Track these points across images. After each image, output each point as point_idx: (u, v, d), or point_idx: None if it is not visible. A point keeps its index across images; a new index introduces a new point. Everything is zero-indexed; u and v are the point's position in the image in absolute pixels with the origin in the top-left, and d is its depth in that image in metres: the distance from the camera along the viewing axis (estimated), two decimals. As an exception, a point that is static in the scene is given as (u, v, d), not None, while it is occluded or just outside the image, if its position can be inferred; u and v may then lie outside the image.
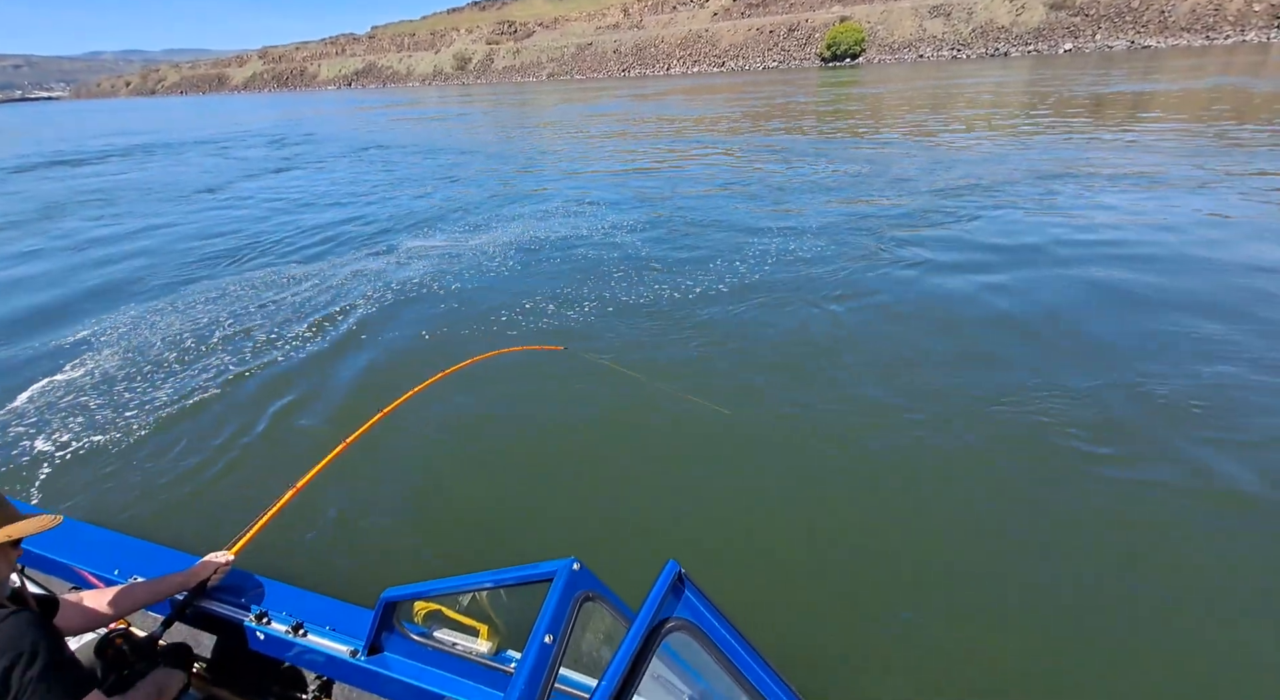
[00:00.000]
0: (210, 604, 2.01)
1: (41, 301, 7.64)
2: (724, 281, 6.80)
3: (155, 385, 5.17)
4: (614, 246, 8.50)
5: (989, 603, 2.83)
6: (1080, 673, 2.48)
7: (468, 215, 11.13)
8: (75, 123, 60.55)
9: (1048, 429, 3.95)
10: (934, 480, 3.61)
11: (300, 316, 6.54)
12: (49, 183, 18.76)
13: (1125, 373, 4.53)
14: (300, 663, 2.00)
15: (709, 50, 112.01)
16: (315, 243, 9.84)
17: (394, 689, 1.81)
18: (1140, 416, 4.03)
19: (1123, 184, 10.17)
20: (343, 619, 1.94)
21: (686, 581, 1.05)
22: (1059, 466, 3.64)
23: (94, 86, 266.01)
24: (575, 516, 3.52)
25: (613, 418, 4.43)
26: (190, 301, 7.19)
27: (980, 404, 4.26)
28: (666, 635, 1.00)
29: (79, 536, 2.35)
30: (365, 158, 20.68)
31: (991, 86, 33.75)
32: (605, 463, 4.00)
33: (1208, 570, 2.91)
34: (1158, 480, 3.46)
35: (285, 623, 1.91)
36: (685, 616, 1.03)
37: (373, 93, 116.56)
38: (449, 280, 7.40)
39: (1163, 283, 6.12)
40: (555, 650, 1.06)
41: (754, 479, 3.73)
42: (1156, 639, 2.61)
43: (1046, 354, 4.91)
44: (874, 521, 3.36)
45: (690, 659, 1.11)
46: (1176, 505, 3.29)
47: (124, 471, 4.12)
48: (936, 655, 2.60)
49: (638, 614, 0.99)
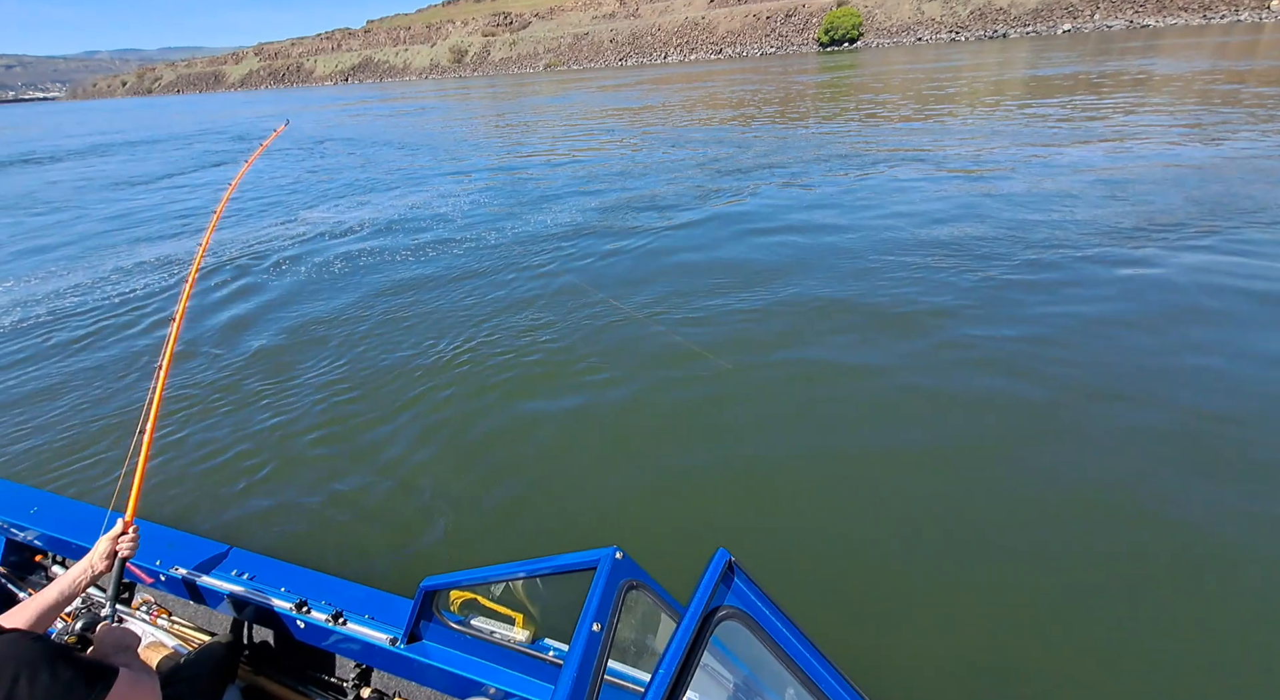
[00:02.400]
0: (252, 594, 2.06)
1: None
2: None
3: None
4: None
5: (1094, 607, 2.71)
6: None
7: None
8: (57, 125, 60.43)
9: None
10: (1008, 471, 3.55)
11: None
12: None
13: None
14: (340, 650, 2.06)
15: (706, 37, 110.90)
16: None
17: (433, 676, 1.87)
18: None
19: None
20: (381, 608, 1.99)
21: (737, 569, 1.06)
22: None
23: (90, 87, 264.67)
24: (598, 504, 3.57)
25: (647, 398, 4.51)
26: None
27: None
28: (718, 624, 1.00)
29: (109, 526, 2.37)
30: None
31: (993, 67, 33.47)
32: (637, 446, 4.06)
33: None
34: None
35: (325, 612, 1.96)
36: (736, 605, 1.03)
37: (369, 88, 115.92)
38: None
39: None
40: (604, 638, 1.07)
41: (794, 461, 3.77)
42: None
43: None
44: (929, 501, 3.36)
45: (736, 647, 1.11)
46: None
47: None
48: (996, 652, 2.53)
49: (690, 602, 0.99)
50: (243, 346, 5.95)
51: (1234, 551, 2.93)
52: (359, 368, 5.30)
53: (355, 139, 24.93)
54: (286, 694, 2.12)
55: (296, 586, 2.07)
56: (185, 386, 5.17)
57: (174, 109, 78.76)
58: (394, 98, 62.09)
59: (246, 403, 4.93)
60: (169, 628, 2.29)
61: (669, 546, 3.16)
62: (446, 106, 42.64)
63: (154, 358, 5.04)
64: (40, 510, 2.46)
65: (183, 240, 10.47)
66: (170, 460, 4.26)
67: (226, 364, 5.60)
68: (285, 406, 4.80)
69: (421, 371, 5.16)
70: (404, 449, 4.14)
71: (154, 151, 25.56)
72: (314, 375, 5.27)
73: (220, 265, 8.60)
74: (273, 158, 20.24)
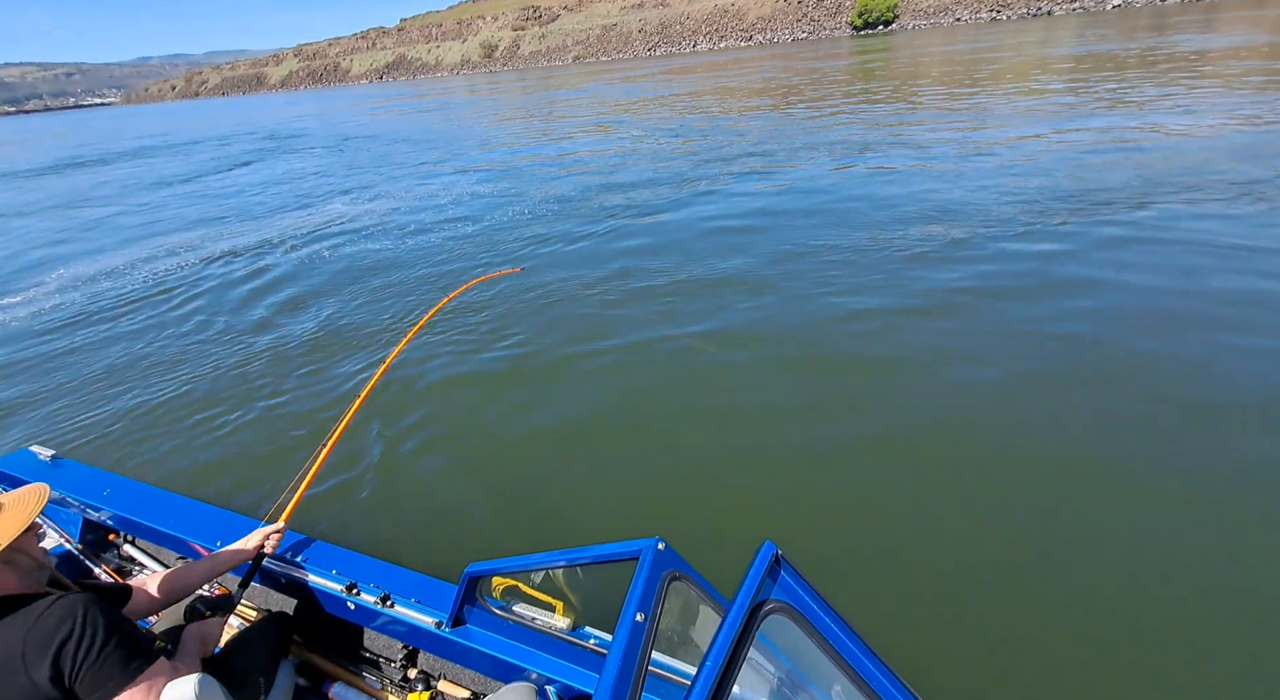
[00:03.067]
0: (306, 576, 2.15)
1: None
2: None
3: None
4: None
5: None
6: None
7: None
8: (110, 128, 63.02)
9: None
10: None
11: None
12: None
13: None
14: (388, 632, 2.14)
15: (735, 24, 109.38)
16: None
17: (477, 659, 1.93)
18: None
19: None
20: (426, 592, 2.05)
21: (784, 563, 1.05)
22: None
23: (142, 91, 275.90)
24: (639, 496, 3.58)
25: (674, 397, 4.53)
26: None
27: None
28: (765, 617, 1.00)
29: (176, 508, 2.51)
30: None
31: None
32: (663, 437, 4.08)
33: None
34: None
35: (374, 594, 2.03)
36: (783, 599, 1.03)
37: (402, 86, 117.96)
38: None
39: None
40: (648, 628, 1.08)
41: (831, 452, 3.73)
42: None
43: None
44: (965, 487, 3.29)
45: (782, 643, 1.10)
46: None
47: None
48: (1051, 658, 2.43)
49: (736, 595, 0.99)
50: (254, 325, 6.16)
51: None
52: (399, 372, 5.44)
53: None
54: (337, 671, 2.21)
55: (347, 569, 2.14)
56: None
57: (217, 111, 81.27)
58: (425, 95, 63.00)
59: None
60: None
61: (709, 539, 3.17)
62: (475, 101, 43.08)
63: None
64: (112, 492, 2.62)
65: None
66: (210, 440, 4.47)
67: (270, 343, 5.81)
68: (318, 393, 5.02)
69: (460, 372, 5.28)
70: (443, 446, 4.24)
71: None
72: (346, 367, 5.45)
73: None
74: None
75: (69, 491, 2.64)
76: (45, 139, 55.23)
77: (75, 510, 2.73)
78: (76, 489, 2.65)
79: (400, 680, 2.13)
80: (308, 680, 2.23)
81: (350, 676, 2.19)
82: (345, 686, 2.15)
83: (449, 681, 2.07)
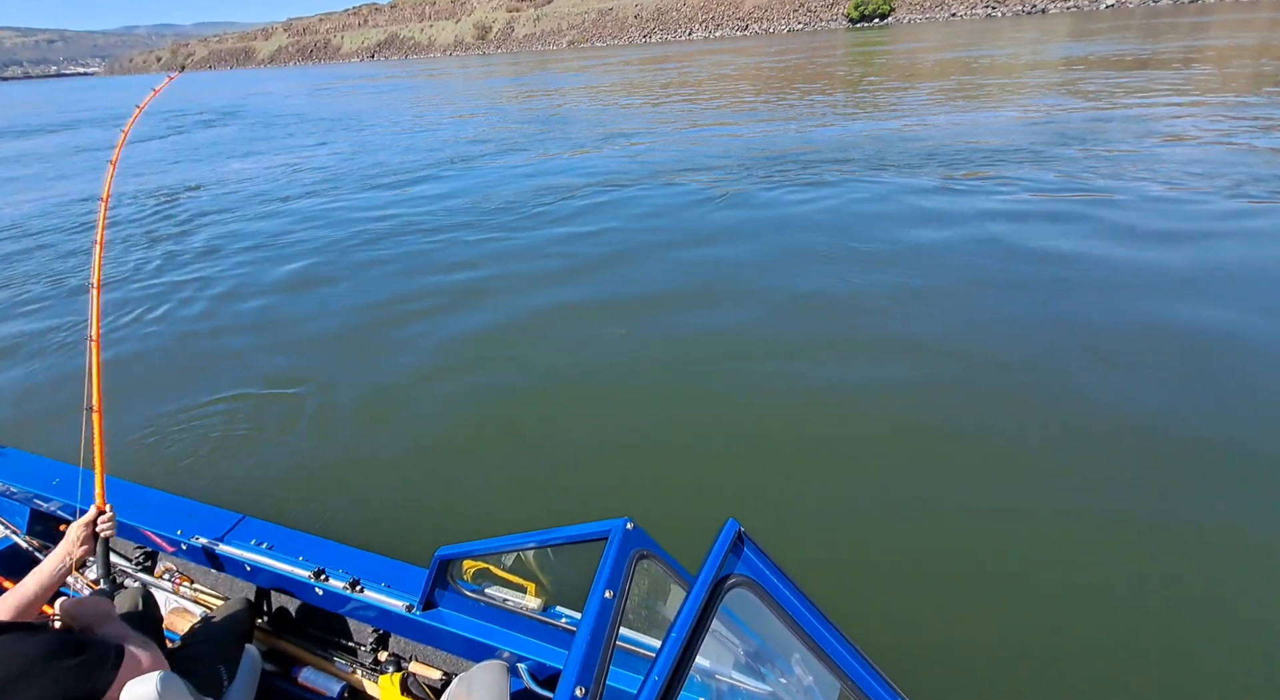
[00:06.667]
0: (270, 562, 2.12)
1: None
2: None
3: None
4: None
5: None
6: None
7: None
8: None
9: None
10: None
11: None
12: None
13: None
14: (358, 617, 2.13)
15: (731, 13, 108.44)
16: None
17: (449, 640, 1.94)
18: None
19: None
20: (396, 576, 2.05)
21: (746, 539, 1.08)
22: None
23: (127, 62, 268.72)
24: (607, 476, 3.62)
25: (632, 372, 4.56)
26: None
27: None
28: (728, 591, 1.02)
29: (136, 498, 2.44)
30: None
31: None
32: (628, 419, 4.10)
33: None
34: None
35: (343, 579, 2.02)
36: (745, 573, 1.06)
37: (394, 65, 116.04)
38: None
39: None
40: (616, 605, 1.11)
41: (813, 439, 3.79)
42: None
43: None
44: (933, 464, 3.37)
45: (745, 616, 1.13)
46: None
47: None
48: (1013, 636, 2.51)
49: (700, 570, 1.02)
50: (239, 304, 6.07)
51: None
52: (352, 337, 5.37)
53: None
54: (306, 656, 2.19)
55: (314, 555, 2.13)
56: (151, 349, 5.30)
57: (202, 84, 79.48)
58: (418, 74, 62.07)
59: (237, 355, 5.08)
60: (191, 595, 2.37)
61: (677, 520, 3.20)
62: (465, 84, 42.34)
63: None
64: (62, 481, 2.52)
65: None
66: (181, 428, 4.36)
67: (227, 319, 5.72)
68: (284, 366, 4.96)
69: (429, 344, 5.23)
70: (413, 424, 4.22)
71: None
72: (307, 332, 5.36)
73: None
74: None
75: (13, 481, 2.54)
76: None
77: (20, 501, 2.63)
78: (21, 478, 2.55)
79: (371, 664, 2.12)
80: (276, 666, 2.20)
81: (320, 661, 2.17)
82: (315, 671, 2.13)
83: (421, 663, 2.07)
